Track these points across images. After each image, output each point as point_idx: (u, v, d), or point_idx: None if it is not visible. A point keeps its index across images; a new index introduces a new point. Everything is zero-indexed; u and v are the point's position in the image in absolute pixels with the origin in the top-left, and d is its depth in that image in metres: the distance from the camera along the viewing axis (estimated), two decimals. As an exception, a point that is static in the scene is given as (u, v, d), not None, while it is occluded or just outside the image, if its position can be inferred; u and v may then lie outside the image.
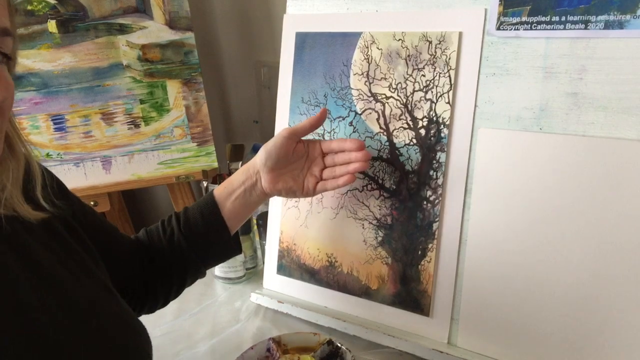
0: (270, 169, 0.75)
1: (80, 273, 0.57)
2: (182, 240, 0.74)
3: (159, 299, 0.77)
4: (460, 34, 0.72)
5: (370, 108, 0.80)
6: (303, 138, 0.77)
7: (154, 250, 0.75)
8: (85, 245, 0.61)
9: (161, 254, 0.74)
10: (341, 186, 0.75)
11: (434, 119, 0.75)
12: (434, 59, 0.74)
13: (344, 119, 0.83)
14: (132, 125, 1.12)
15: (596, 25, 0.63)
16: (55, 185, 0.60)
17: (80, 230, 0.62)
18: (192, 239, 0.74)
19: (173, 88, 1.11)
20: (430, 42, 0.74)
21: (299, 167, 0.77)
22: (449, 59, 0.73)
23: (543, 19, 0.66)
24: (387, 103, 0.79)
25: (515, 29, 0.68)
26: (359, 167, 0.73)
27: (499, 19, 0.69)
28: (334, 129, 0.84)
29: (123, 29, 1.08)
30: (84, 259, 0.59)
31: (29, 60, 1.05)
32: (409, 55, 0.76)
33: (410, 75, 0.76)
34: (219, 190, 0.76)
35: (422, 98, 0.75)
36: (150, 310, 0.77)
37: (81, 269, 0.57)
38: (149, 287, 0.74)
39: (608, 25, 0.62)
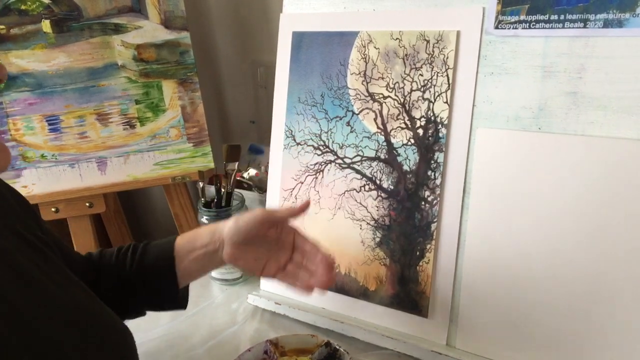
0: (235, 244, 0.71)
1: (58, 276, 0.56)
2: (132, 277, 0.72)
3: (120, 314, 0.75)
4: (458, 33, 0.72)
5: (367, 108, 0.80)
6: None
7: (105, 274, 0.72)
8: (53, 249, 0.61)
9: (110, 281, 0.72)
10: (298, 291, 0.72)
11: (432, 118, 0.74)
12: (432, 58, 0.74)
13: (341, 119, 0.82)
14: (127, 126, 1.11)
15: (595, 24, 0.62)
16: (18, 200, 0.61)
17: (43, 236, 0.61)
18: (141, 280, 0.72)
19: (169, 88, 1.10)
20: (428, 41, 0.74)
21: (264, 251, 0.73)
22: (447, 58, 0.72)
23: (542, 17, 0.66)
24: (385, 103, 0.78)
25: (513, 28, 0.68)
26: (323, 288, 0.70)
27: (497, 17, 0.69)
28: (331, 129, 0.83)
29: (118, 29, 1.07)
30: (59, 264, 0.59)
31: (23, 60, 1.04)
32: (406, 55, 0.76)
33: (408, 75, 0.76)
34: (180, 243, 0.73)
35: (420, 98, 0.75)
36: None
37: (59, 273, 0.57)
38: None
39: (607, 24, 0.62)
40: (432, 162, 0.75)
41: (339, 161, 0.83)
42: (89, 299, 0.59)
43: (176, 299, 0.75)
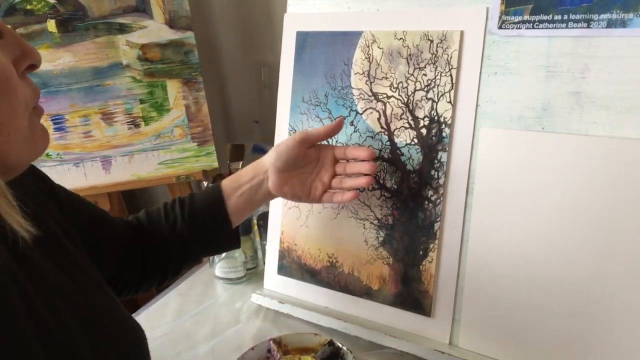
0: (279, 170, 0.74)
1: (77, 275, 0.56)
2: (184, 230, 0.74)
3: (153, 281, 0.77)
4: (462, 32, 0.72)
5: (371, 107, 0.80)
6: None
7: (154, 235, 0.74)
8: (76, 242, 0.61)
9: (160, 239, 0.74)
10: (346, 201, 0.75)
11: (436, 118, 0.74)
12: (436, 58, 0.74)
13: (345, 119, 0.82)
14: (132, 125, 1.12)
15: (599, 24, 0.63)
16: (39, 183, 0.60)
17: (69, 226, 0.61)
18: (194, 229, 0.74)
19: (173, 88, 1.11)
20: (432, 41, 0.74)
21: (307, 171, 0.77)
22: (451, 58, 0.73)
23: (545, 17, 0.66)
24: (388, 102, 0.78)
25: (517, 28, 0.68)
26: (365, 182, 0.73)
27: (500, 17, 0.69)
28: (334, 129, 0.83)
29: (123, 29, 1.08)
30: (78, 259, 0.59)
31: (29, 59, 1.04)
32: (410, 55, 0.76)
33: (412, 75, 0.76)
34: (226, 183, 0.76)
35: (424, 97, 0.75)
36: (145, 290, 0.77)
37: (78, 271, 0.57)
38: (147, 268, 0.74)
39: (611, 24, 0.62)
40: (436, 161, 0.75)
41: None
42: (105, 298, 0.59)
43: (230, 239, 0.77)
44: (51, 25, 1.04)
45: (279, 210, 0.91)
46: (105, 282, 0.62)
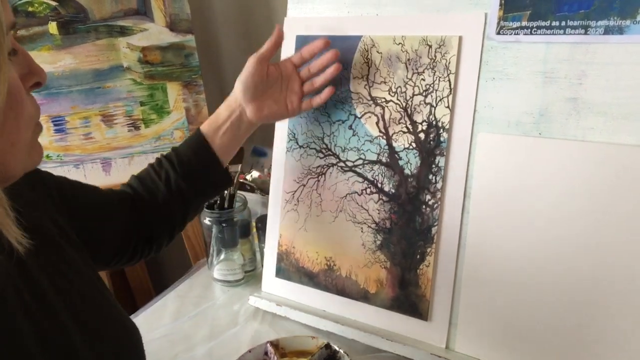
0: (251, 98, 0.77)
1: (73, 277, 0.57)
2: (180, 181, 0.75)
3: (162, 240, 0.79)
4: (460, 38, 0.72)
5: (369, 112, 0.80)
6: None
7: (152, 196, 0.75)
8: (73, 242, 0.61)
9: (159, 199, 0.75)
10: (325, 100, 0.79)
11: (434, 123, 0.75)
12: (434, 63, 0.74)
13: (343, 122, 0.83)
14: (132, 127, 1.12)
15: (596, 31, 0.63)
16: (38, 183, 0.61)
17: (67, 223, 0.61)
18: (189, 177, 0.76)
19: (173, 90, 1.11)
20: (430, 46, 0.74)
21: (277, 89, 0.79)
22: (449, 63, 0.73)
23: (543, 23, 0.66)
24: (387, 107, 0.79)
25: (515, 34, 0.68)
26: (334, 70, 0.77)
27: (499, 23, 0.69)
28: (333, 132, 0.84)
29: (124, 31, 1.08)
30: (75, 259, 0.59)
31: (30, 61, 1.05)
32: (408, 59, 0.76)
33: (410, 79, 0.76)
34: (205, 128, 0.78)
35: (422, 102, 0.75)
36: (157, 251, 0.80)
37: (74, 272, 0.57)
38: (153, 231, 0.76)
39: (608, 31, 0.62)
40: (433, 166, 0.75)
41: (341, 164, 0.84)
42: (102, 299, 0.60)
43: (225, 178, 0.81)
44: (52, 27, 1.05)
45: (277, 213, 0.91)
46: (109, 261, 0.66)
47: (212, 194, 0.85)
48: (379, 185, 0.80)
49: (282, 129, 0.90)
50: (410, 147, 0.77)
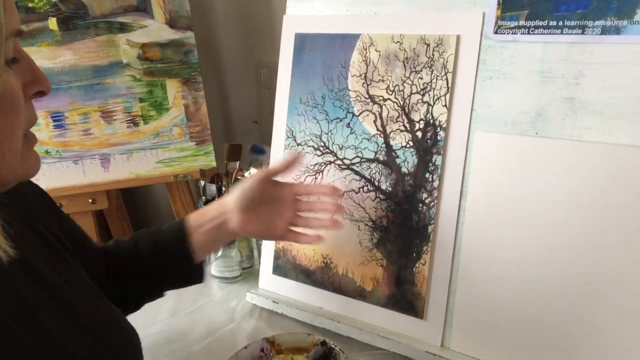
0: (242, 210, 0.73)
1: (74, 280, 0.57)
2: (148, 263, 0.73)
3: (127, 308, 0.75)
4: (458, 37, 0.72)
5: (367, 110, 0.80)
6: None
7: (121, 265, 0.73)
8: (70, 251, 0.61)
9: (126, 270, 0.73)
10: (313, 244, 0.77)
11: (431, 121, 0.75)
12: (432, 62, 0.74)
13: (341, 121, 0.83)
14: (131, 124, 1.12)
15: (593, 31, 0.63)
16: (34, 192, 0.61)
17: (60, 233, 0.62)
18: (157, 263, 0.73)
19: (172, 87, 1.11)
20: (428, 45, 0.75)
21: (268, 211, 0.76)
22: (447, 62, 0.73)
23: (540, 23, 0.66)
24: (385, 105, 0.79)
25: (512, 33, 0.68)
26: (331, 224, 0.75)
27: (496, 22, 0.69)
28: (331, 130, 0.84)
29: (123, 28, 1.08)
30: (73, 265, 0.59)
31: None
32: (406, 58, 0.76)
33: (408, 78, 0.76)
34: (192, 218, 0.75)
35: (419, 101, 0.76)
36: (132, 311, 0.77)
37: (74, 276, 0.58)
38: (120, 294, 0.73)
39: (605, 31, 0.62)
40: (430, 164, 0.75)
41: (339, 162, 0.84)
42: (103, 303, 0.60)
43: (193, 274, 0.76)
44: (52, 23, 1.05)
45: (275, 210, 0.91)
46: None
47: (176, 284, 0.78)
48: (376, 183, 0.80)
49: (280, 127, 0.90)
50: (408, 145, 0.77)
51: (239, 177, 1.09)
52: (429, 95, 0.75)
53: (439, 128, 0.74)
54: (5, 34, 0.40)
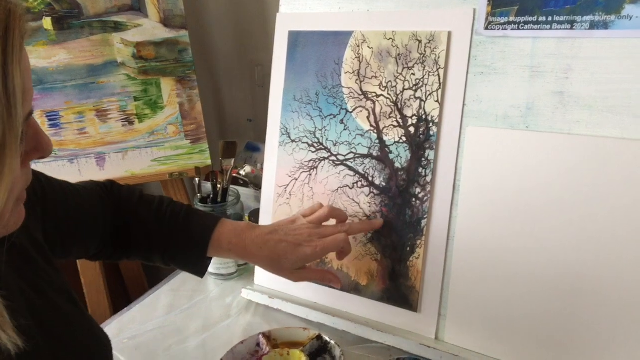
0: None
1: (46, 289, 0.57)
2: (165, 232, 0.73)
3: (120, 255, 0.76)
4: (450, 33, 0.73)
5: (361, 106, 0.81)
6: None
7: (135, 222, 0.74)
8: (47, 257, 0.60)
9: (140, 228, 0.74)
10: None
11: (423, 117, 0.76)
12: (424, 58, 0.75)
13: (335, 117, 0.84)
14: (126, 122, 1.13)
15: (582, 26, 0.64)
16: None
17: (35, 225, 0.60)
18: (173, 237, 0.73)
19: (167, 86, 1.12)
20: (420, 42, 0.75)
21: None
22: (438, 58, 0.74)
23: (530, 19, 0.67)
24: (378, 101, 0.80)
25: (503, 29, 0.69)
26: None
27: (487, 18, 0.70)
28: (325, 127, 0.85)
29: (118, 27, 1.09)
30: (48, 274, 0.58)
31: (24, 56, 1.05)
32: (399, 54, 0.77)
33: (401, 74, 0.77)
34: (221, 233, 0.74)
35: (412, 96, 0.77)
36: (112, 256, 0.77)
37: (47, 285, 0.57)
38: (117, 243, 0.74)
39: (593, 26, 0.63)
40: (423, 159, 0.76)
41: (333, 158, 0.85)
42: (76, 311, 0.60)
43: (199, 267, 0.76)
44: (47, 22, 1.05)
45: (270, 207, 0.92)
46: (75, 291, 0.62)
47: (176, 264, 0.77)
48: (370, 178, 0.81)
49: (274, 124, 0.91)
50: (401, 140, 0.78)
51: (234, 175, 1.10)
52: (421, 91, 0.76)
53: (431, 123, 0.75)
54: (21, 122, 0.38)
